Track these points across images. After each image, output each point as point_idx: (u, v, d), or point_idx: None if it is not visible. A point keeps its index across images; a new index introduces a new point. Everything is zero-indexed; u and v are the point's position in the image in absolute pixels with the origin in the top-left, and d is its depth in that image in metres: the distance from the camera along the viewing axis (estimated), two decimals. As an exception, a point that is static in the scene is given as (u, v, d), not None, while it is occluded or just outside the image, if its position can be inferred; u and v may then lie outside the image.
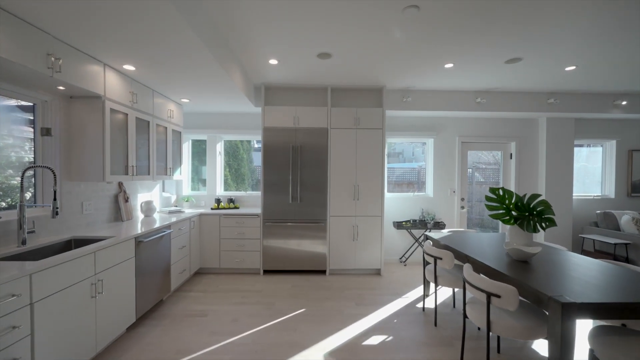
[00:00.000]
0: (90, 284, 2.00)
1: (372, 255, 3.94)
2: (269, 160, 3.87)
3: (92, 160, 2.52)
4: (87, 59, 2.32)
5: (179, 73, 2.80)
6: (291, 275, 3.91)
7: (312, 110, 3.88)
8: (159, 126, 3.43)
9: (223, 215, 3.87)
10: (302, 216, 3.88)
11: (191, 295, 3.27)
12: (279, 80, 3.84)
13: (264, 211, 3.88)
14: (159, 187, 3.99)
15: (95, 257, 2.05)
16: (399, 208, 4.59)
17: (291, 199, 3.86)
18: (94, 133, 2.52)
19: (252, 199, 4.52)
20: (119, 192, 3.14)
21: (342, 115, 3.89)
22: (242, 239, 3.89)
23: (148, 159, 3.19)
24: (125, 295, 2.37)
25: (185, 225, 3.45)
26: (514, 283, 1.81)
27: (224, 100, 3.77)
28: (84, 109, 2.52)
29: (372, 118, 3.90)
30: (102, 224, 2.87)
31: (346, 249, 3.92)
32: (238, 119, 4.54)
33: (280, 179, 3.86)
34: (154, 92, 3.29)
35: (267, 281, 3.69)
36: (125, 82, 2.79)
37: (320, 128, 3.88)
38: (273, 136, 3.86)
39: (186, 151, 4.60)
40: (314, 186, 3.87)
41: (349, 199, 3.90)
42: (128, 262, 2.41)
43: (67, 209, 2.51)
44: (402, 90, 4.17)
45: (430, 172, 4.67)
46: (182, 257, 3.38)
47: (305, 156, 3.87)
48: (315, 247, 3.90)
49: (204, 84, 3.13)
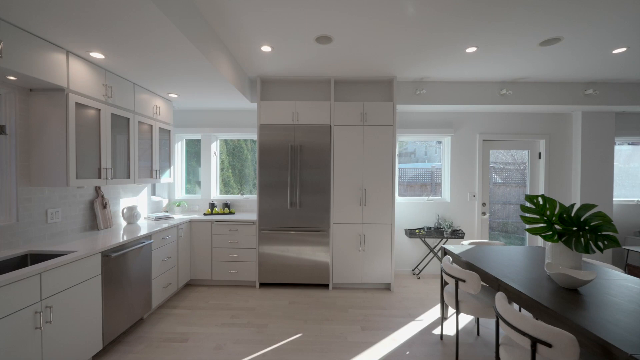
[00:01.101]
0: (34, 313, 1.65)
1: (381, 268, 3.49)
2: (266, 161, 3.48)
3: (54, 162, 2.19)
4: (42, 44, 1.99)
5: (159, 64, 2.45)
6: (290, 289, 3.51)
7: (313, 106, 3.47)
8: (143, 124, 3.09)
9: (215, 221, 3.51)
10: (302, 224, 3.48)
11: (176, 312, 2.91)
12: (275, 72, 3.44)
13: (260, 218, 3.49)
14: (147, 190, 3.66)
15: (42, 279, 1.70)
16: (412, 214, 4.12)
17: (290, 204, 3.46)
18: (56, 131, 2.19)
19: (249, 204, 4.15)
20: (95, 197, 2.82)
21: (347, 111, 3.46)
22: (236, 248, 3.52)
23: (128, 161, 2.86)
24: (89, 320, 2.02)
25: (171, 234, 3.10)
26: (570, 327, 1.35)
27: (216, 96, 3.41)
28: (44, 103, 2.19)
29: (381, 113, 3.45)
30: (72, 234, 2.55)
31: (352, 260, 3.49)
32: (234, 117, 4.17)
33: (278, 181, 3.47)
34: (136, 85, 2.95)
35: (263, 296, 3.30)
36: (97, 73, 2.46)
37: (322, 125, 3.46)
38: (270, 134, 3.47)
39: (179, 151, 4.28)
40: (315, 190, 3.46)
41: (355, 205, 3.47)
42: (92, 282, 2.06)
43: (26, 219, 2.18)
44: (415, 81, 3.70)
45: (447, 174, 4.17)
46: (167, 269, 3.03)
47: (306, 156, 3.46)
48: (316, 258, 3.49)
49: (189, 77, 2.77)
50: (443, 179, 4.26)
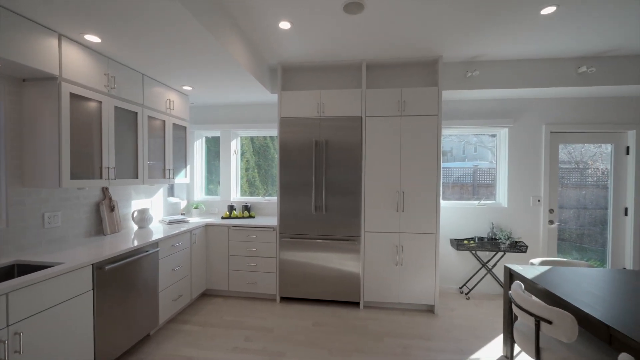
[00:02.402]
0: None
1: (423, 286, 2.91)
2: (287, 159, 3.06)
3: (47, 160, 1.94)
4: (28, 25, 1.73)
5: (162, 47, 2.12)
6: (314, 305, 3.06)
7: (342, 95, 2.98)
8: (154, 119, 2.82)
9: (232, 226, 3.16)
10: (327, 231, 3.01)
11: (186, 329, 2.59)
12: (297, 57, 3.01)
13: (281, 223, 3.08)
14: (163, 191, 3.42)
15: (9, 301, 1.41)
16: (458, 221, 3.47)
17: (314, 208, 3.01)
18: (49, 126, 1.94)
19: (271, 206, 3.77)
20: (102, 199, 2.59)
21: (382, 99, 2.93)
22: (255, 256, 3.15)
23: (136, 159, 2.59)
24: (76, 343, 1.73)
25: (183, 240, 2.80)
26: None
27: (233, 87, 3.07)
28: (36, 94, 1.95)
29: (423, 101, 2.87)
30: (74, 240, 2.32)
31: (387, 275, 2.95)
32: (254, 111, 3.82)
33: (301, 182, 3.04)
34: (145, 77, 2.68)
35: (283, 313, 2.89)
36: (97, 61, 2.19)
37: (351, 117, 2.97)
38: (292, 129, 3.05)
39: (198, 150, 4.02)
40: (343, 192, 2.97)
41: (391, 210, 2.92)
42: (81, 299, 1.77)
43: (18, 223, 1.96)
44: (465, 62, 3.06)
45: (503, 174, 3.46)
46: (178, 280, 2.72)
47: (332, 153, 2.98)
48: (345, 271, 3.00)
49: (200, 64, 2.43)
50: (498, 180, 3.55)
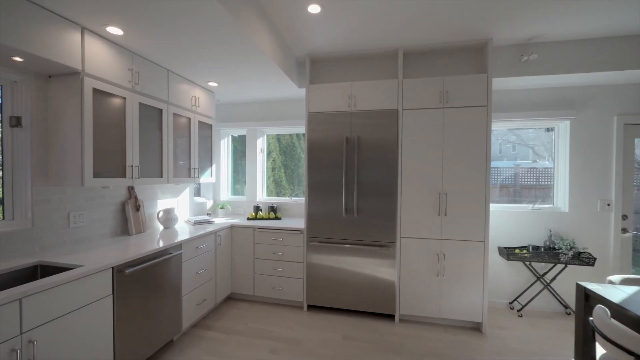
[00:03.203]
0: (10, 351, 1.28)
1: (468, 300, 2.56)
2: (315, 157, 2.85)
3: (70, 158, 1.88)
4: (50, 18, 1.66)
5: (188, 39, 2.00)
6: (344, 316, 2.81)
7: (375, 86, 2.72)
8: (179, 117, 2.74)
9: (258, 228, 3.01)
10: (359, 235, 2.75)
11: (209, 336, 2.47)
12: (327, 47, 2.79)
13: (309, 226, 2.87)
14: (189, 191, 3.36)
15: (22, 307, 1.32)
16: (508, 227, 3.05)
17: (345, 211, 2.77)
18: (72, 122, 1.88)
19: (298, 207, 3.58)
20: (127, 198, 2.53)
21: (421, 89, 2.62)
22: (281, 260, 2.97)
23: (160, 158, 2.51)
24: (94, 351, 1.63)
25: (207, 242, 2.68)
26: None
27: (259, 81, 2.91)
28: (61, 90, 1.90)
29: (469, 91, 2.53)
30: (100, 240, 2.27)
31: (426, 287, 2.63)
32: (281, 108, 3.66)
33: (330, 182, 2.81)
34: (170, 72, 2.60)
35: (311, 323, 2.67)
36: (121, 55, 2.12)
37: (386, 110, 2.69)
38: (320, 124, 2.83)
39: (225, 148, 3.93)
40: (377, 193, 2.70)
41: (432, 214, 2.61)
42: (100, 304, 1.67)
43: (44, 223, 1.92)
44: (520, 44, 2.66)
45: (563, 174, 2.99)
46: (202, 283, 2.61)
47: (365, 151, 2.72)
48: (378, 279, 2.72)
49: (226, 56, 2.29)
50: (556, 181, 3.08)
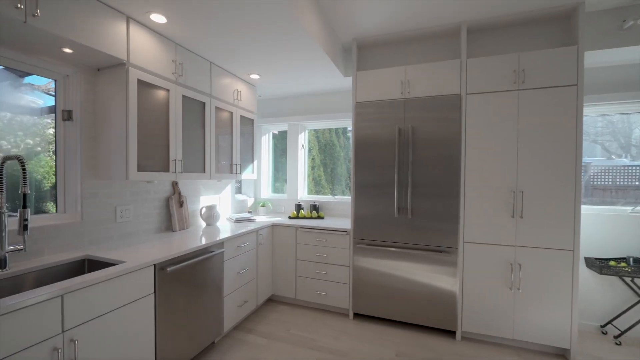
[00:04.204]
0: (52, 350, 1.21)
1: (552, 320, 2.11)
2: (364, 151, 2.59)
3: (116, 152, 1.85)
4: (95, 5, 1.62)
5: (232, 23, 1.87)
6: (396, 328, 2.51)
7: (433, 69, 2.38)
8: (221, 110, 2.66)
9: (300, 228, 2.83)
10: (414, 238, 2.44)
11: (250, 340, 2.33)
12: (377, 29, 2.52)
13: (356, 227, 2.62)
14: (231, 188, 3.29)
15: (64, 304, 1.25)
16: (600, 233, 2.50)
17: (397, 211, 2.47)
18: (118, 115, 1.84)
19: (341, 207, 3.34)
20: (171, 194, 2.50)
21: (490, 69, 2.23)
22: (324, 263, 2.76)
23: (203, 152, 2.44)
24: (135, 353, 1.55)
25: (249, 241, 2.56)
26: None
27: (303, 70, 2.73)
28: (108, 83, 1.88)
29: (552, 68, 2.09)
30: (145, 236, 2.24)
31: (496, 301, 2.24)
32: (324, 101, 3.45)
33: (381, 179, 2.53)
34: (212, 65, 2.52)
35: (358, 334, 2.42)
36: (165, 46, 2.06)
37: (446, 96, 2.34)
38: (369, 115, 2.57)
39: (265, 145, 3.84)
40: (434, 191, 2.37)
41: (503, 215, 2.21)
42: (141, 303, 1.59)
43: (92, 217, 1.91)
44: (619, 7, 2.15)
45: (678, 168, 2.38)
46: (243, 284, 2.49)
47: (420, 143, 2.40)
48: (436, 289, 2.38)
49: (270, 42, 2.14)
50: (665, 177, 2.47)
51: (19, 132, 1.71)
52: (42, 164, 1.83)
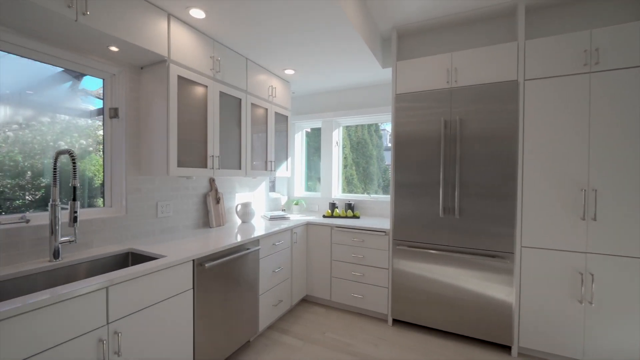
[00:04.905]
0: (97, 341, 1.22)
1: (634, 342, 1.79)
2: (404, 146, 2.42)
3: (157, 147, 1.88)
4: (138, 3, 1.65)
5: (268, 13, 1.83)
6: (440, 338, 2.31)
7: (484, 53, 2.16)
8: (257, 107, 2.64)
9: (335, 227, 2.73)
10: (462, 241, 2.22)
11: (285, 341, 2.27)
12: (418, 15, 2.34)
13: (395, 227, 2.46)
14: (265, 185, 3.28)
15: (109, 296, 1.26)
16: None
17: (442, 210, 2.27)
18: (159, 110, 1.87)
19: (378, 206, 3.19)
20: (208, 190, 2.52)
21: (554, 51, 1.96)
22: (361, 264, 2.63)
23: (239, 149, 2.43)
24: (175, 348, 1.55)
25: (284, 239, 2.51)
26: None
27: (339, 63, 2.62)
28: (150, 80, 1.91)
29: (634, 45, 1.78)
30: (184, 231, 2.27)
31: (562, 315, 1.96)
32: (361, 95, 3.32)
33: (423, 178, 2.35)
34: (248, 61, 2.51)
35: (398, 342, 2.26)
36: (203, 42, 2.07)
37: (500, 83, 2.11)
38: (410, 107, 2.39)
39: (298, 143, 3.79)
40: (486, 190, 2.14)
41: (570, 217, 1.92)
42: (181, 298, 1.58)
43: (135, 211, 1.96)
44: None
45: None
46: (278, 283, 2.44)
47: (469, 137, 2.19)
48: (487, 298, 2.15)
49: (307, 34, 2.06)
50: None
51: (74, 134, 1.80)
52: (93, 162, 1.91)
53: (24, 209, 1.58)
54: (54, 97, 1.71)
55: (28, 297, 1.05)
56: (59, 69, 1.70)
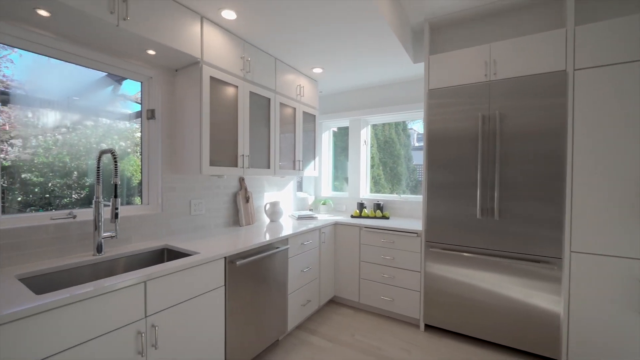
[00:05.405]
0: (137, 333, 1.26)
1: None
2: (437, 147, 2.31)
3: (190, 147, 1.93)
4: (174, 7, 1.70)
5: (298, 10, 1.82)
6: (477, 346, 2.18)
7: (527, 43, 2.00)
8: (285, 106, 2.65)
9: (364, 227, 2.66)
10: (502, 244, 2.08)
11: (314, 342, 2.24)
12: (454, 3, 2.22)
13: (428, 228, 2.35)
14: (293, 185, 3.29)
15: (147, 290, 1.30)
16: None
17: (480, 212, 2.14)
18: (192, 111, 1.92)
19: (408, 206, 3.08)
20: (238, 189, 2.56)
21: (608, 36, 1.78)
22: (391, 266, 2.54)
23: (268, 148, 2.45)
24: (207, 344, 1.57)
25: (312, 239, 2.49)
26: None
27: (368, 58, 2.56)
28: (184, 82, 1.97)
29: None
30: (214, 229, 2.32)
31: (619, 330, 1.76)
32: (390, 92, 3.23)
33: (459, 177, 2.22)
34: (277, 60, 2.52)
35: (431, 348, 2.15)
36: (234, 43, 2.10)
37: (545, 74, 1.94)
38: (444, 103, 2.28)
39: (326, 143, 3.76)
40: (529, 191, 1.98)
41: (629, 220, 1.73)
42: (213, 295, 1.61)
43: (170, 209, 2.03)
44: None
45: None
46: (306, 282, 2.42)
47: (511, 134, 2.04)
48: (531, 307, 1.99)
49: (337, 29, 2.03)
50: None
51: (115, 136, 1.89)
52: (131, 163, 2.00)
53: (70, 206, 1.68)
54: (97, 102, 1.81)
55: (75, 288, 1.10)
56: (102, 73, 1.80)
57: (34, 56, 1.52)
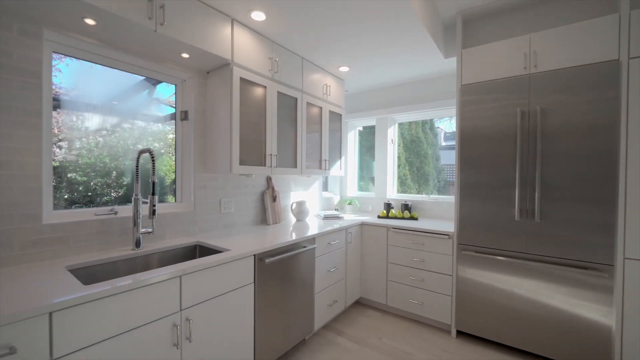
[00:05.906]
0: (172, 326, 1.31)
1: None
2: (471, 145, 2.21)
3: (221, 146, 1.98)
4: (205, 11, 1.75)
5: (327, 6, 1.81)
6: (513, 356, 2.04)
7: (572, 32, 1.85)
8: (311, 105, 2.65)
9: (392, 228, 2.60)
10: (544, 249, 1.94)
11: (340, 343, 2.22)
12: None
13: (461, 230, 2.25)
14: (318, 185, 3.28)
15: (182, 284, 1.35)
16: None
17: (519, 213, 2.01)
18: (223, 112, 1.97)
19: (438, 207, 2.97)
20: (266, 188, 2.59)
21: (670, 21, 1.60)
22: (421, 269, 2.46)
23: (295, 147, 2.46)
24: (237, 340, 1.60)
25: (339, 239, 2.47)
26: None
27: (397, 56, 2.50)
28: (216, 83, 2.03)
29: None
30: (243, 227, 2.36)
31: (681, 347, 1.58)
32: (418, 89, 3.13)
33: (494, 177, 2.11)
34: (304, 60, 2.53)
35: (463, 356, 2.05)
36: (262, 44, 2.13)
37: (595, 64, 1.79)
38: (478, 100, 2.17)
39: (351, 142, 3.72)
40: (575, 191, 1.83)
41: (696, 225, 1.54)
42: (243, 291, 1.63)
43: (202, 207, 2.09)
44: None
45: None
46: (333, 282, 2.40)
47: (554, 132, 1.90)
48: (577, 317, 1.84)
49: (365, 26, 2.00)
50: None
51: (149, 138, 1.99)
52: (165, 163, 2.08)
53: (110, 204, 1.78)
54: (134, 105, 1.90)
55: (116, 280, 1.16)
56: (140, 77, 1.89)
57: (79, 63, 1.63)
